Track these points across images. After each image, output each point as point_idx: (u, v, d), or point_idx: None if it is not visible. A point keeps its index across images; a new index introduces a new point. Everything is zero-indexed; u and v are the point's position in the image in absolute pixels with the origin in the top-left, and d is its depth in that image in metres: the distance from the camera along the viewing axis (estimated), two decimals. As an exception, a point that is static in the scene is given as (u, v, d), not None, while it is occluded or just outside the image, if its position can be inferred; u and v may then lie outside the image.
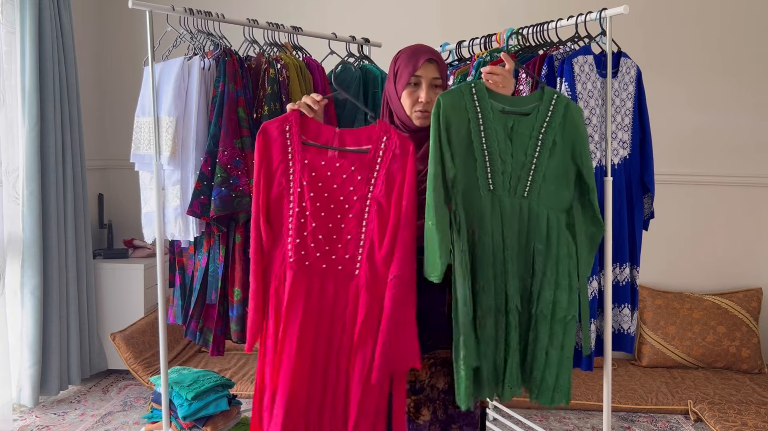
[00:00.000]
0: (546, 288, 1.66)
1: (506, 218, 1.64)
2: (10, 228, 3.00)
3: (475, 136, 1.61)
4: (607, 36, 2.08)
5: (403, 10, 3.71)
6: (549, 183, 1.66)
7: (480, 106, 1.62)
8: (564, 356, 1.69)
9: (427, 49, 1.76)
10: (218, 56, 2.25)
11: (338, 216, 1.63)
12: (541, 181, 1.65)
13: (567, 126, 1.68)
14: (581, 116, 1.72)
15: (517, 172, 1.64)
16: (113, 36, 3.87)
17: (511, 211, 1.65)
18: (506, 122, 1.63)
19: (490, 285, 1.64)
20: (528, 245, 1.67)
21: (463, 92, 1.62)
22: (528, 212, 1.66)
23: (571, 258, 1.69)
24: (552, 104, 1.68)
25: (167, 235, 2.27)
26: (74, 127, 3.26)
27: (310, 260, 1.64)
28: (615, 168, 2.18)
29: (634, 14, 2.16)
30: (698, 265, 3.66)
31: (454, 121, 1.60)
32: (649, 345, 3.49)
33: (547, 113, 1.67)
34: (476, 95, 1.63)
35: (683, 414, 3.04)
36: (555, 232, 1.67)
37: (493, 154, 1.62)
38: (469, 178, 1.63)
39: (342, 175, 1.64)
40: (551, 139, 1.66)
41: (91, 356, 3.40)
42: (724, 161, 3.61)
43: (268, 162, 1.65)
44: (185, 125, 2.22)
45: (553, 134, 1.66)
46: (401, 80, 1.73)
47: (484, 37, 2.55)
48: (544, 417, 3.01)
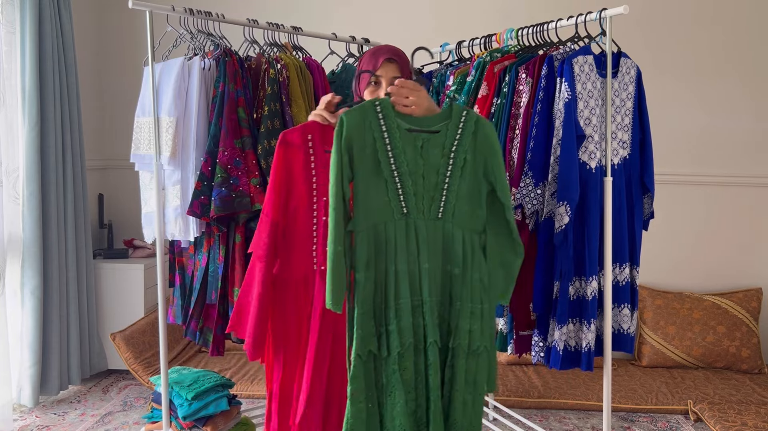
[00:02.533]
0: (462, 317, 1.57)
1: (422, 243, 1.55)
2: (10, 228, 2.99)
3: (382, 157, 1.52)
4: (607, 36, 2.08)
5: (403, 10, 3.71)
6: (463, 203, 1.58)
7: (386, 124, 1.53)
8: (477, 394, 1.60)
9: (388, 49, 1.75)
10: (218, 56, 2.25)
11: None
12: (454, 200, 1.57)
13: (478, 142, 1.60)
14: (494, 131, 1.63)
15: (430, 192, 1.56)
16: (113, 36, 3.87)
17: (427, 234, 1.56)
18: (415, 141, 1.55)
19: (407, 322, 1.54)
20: (444, 271, 1.59)
21: (366, 110, 1.53)
22: (443, 235, 1.58)
23: (483, 283, 1.61)
24: (462, 121, 1.60)
25: (167, 235, 2.27)
26: (74, 127, 3.26)
27: None
28: (615, 168, 2.19)
29: (634, 14, 2.17)
30: (698, 265, 3.66)
31: (357, 140, 1.51)
32: (649, 345, 3.49)
33: (457, 130, 1.59)
34: (381, 113, 1.53)
35: (683, 414, 3.04)
36: (470, 255, 1.59)
37: (403, 175, 1.54)
38: (377, 201, 1.53)
39: None
40: (462, 157, 1.58)
41: (91, 356, 3.40)
42: (723, 161, 3.61)
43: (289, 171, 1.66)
44: (185, 125, 2.22)
45: (464, 152, 1.58)
46: (363, 80, 1.74)
47: (484, 37, 2.56)
48: (544, 417, 3.01)
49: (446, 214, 1.58)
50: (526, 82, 2.18)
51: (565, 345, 2.15)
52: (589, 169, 2.10)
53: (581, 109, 2.08)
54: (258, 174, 2.19)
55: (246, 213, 2.18)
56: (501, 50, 2.42)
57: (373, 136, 1.52)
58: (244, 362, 3.53)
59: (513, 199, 2.14)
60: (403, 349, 1.54)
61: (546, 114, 2.12)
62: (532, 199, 2.11)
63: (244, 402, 3.01)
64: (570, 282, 2.14)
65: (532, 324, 2.26)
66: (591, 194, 2.11)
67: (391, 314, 1.54)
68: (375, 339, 1.54)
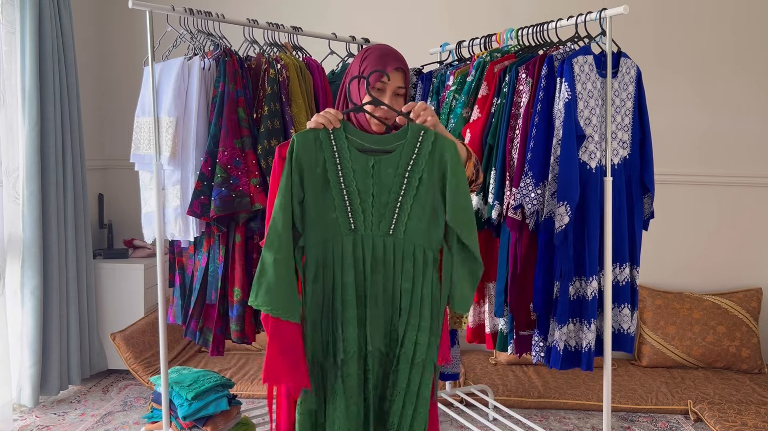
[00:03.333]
0: (409, 329, 1.62)
1: (368, 257, 1.60)
2: (10, 228, 3.00)
3: (332, 175, 1.58)
4: (607, 36, 2.08)
5: (403, 10, 3.71)
6: (416, 221, 1.60)
7: (336, 144, 1.59)
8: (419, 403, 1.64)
9: (397, 56, 1.70)
10: (218, 56, 2.25)
11: None
12: (406, 219, 1.60)
13: (435, 161, 1.61)
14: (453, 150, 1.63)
15: (380, 210, 1.60)
16: (113, 36, 3.87)
17: (375, 249, 1.61)
18: (367, 161, 1.59)
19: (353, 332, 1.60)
20: (395, 284, 1.62)
21: (318, 130, 1.59)
22: (393, 250, 1.61)
23: (434, 299, 1.64)
24: (419, 140, 1.62)
25: (167, 235, 2.27)
26: (74, 127, 3.26)
27: None
28: (615, 168, 2.19)
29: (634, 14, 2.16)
30: (698, 265, 3.66)
31: (307, 159, 1.57)
32: (649, 345, 3.49)
33: (414, 150, 1.61)
34: (332, 134, 1.59)
35: (683, 414, 3.04)
36: (421, 271, 1.62)
37: (352, 194, 1.59)
38: (326, 218, 1.60)
39: None
40: (417, 176, 1.60)
41: (91, 356, 3.40)
42: (724, 161, 3.61)
43: None
44: (185, 125, 2.22)
45: (420, 171, 1.60)
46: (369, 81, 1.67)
47: (484, 37, 2.56)
48: (544, 417, 3.01)
49: (397, 231, 1.61)
50: (526, 82, 2.18)
51: (566, 345, 2.15)
52: (589, 169, 2.10)
53: (581, 109, 2.08)
54: (258, 174, 2.19)
55: (246, 213, 2.18)
56: (501, 50, 2.42)
57: (324, 155, 1.58)
58: (244, 362, 3.53)
59: (513, 198, 2.14)
60: (347, 357, 1.60)
61: (546, 114, 2.12)
62: (532, 199, 2.11)
63: (244, 402, 3.01)
64: (570, 282, 2.14)
65: (533, 324, 2.26)
66: (591, 194, 2.11)
67: (338, 323, 1.61)
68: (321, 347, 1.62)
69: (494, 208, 2.22)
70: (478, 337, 2.48)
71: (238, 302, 2.23)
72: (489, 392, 3.04)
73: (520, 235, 2.19)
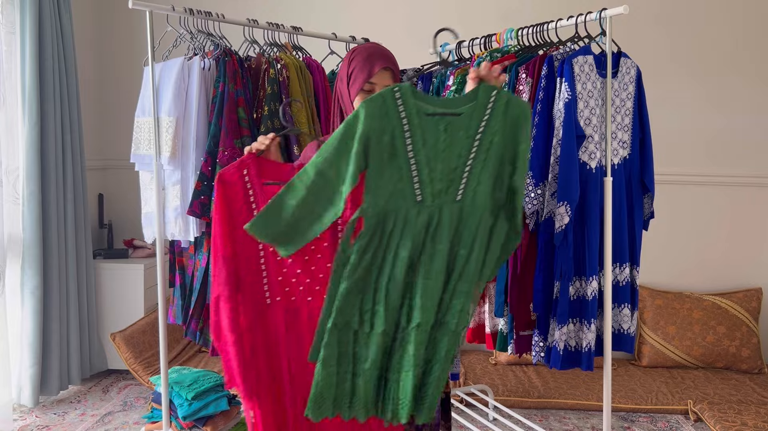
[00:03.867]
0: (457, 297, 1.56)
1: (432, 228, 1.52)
2: (10, 228, 3.00)
3: (399, 144, 1.48)
4: (607, 36, 2.08)
5: (403, 10, 3.71)
6: (483, 186, 1.53)
7: (405, 110, 1.48)
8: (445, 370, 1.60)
9: (384, 54, 1.68)
10: (218, 56, 2.25)
11: (312, 247, 1.62)
12: (475, 184, 1.52)
13: (508, 124, 1.53)
14: (526, 111, 1.55)
15: (448, 175, 1.51)
16: (113, 36, 3.87)
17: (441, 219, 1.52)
18: (437, 125, 1.49)
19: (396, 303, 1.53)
20: (451, 251, 1.55)
21: (385, 97, 1.47)
22: (459, 217, 1.53)
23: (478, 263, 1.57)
24: (491, 102, 1.52)
25: (167, 235, 2.27)
26: (74, 127, 3.26)
27: (295, 295, 1.64)
28: (615, 168, 2.19)
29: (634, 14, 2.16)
30: (698, 265, 3.66)
31: (375, 128, 1.46)
32: (649, 345, 3.49)
33: (485, 112, 1.51)
34: (401, 99, 1.47)
35: (683, 414, 3.04)
36: (479, 237, 1.55)
37: (420, 163, 1.49)
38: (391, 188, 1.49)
39: None
40: (489, 140, 1.52)
41: (91, 356, 3.40)
42: (724, 161, 3.61)
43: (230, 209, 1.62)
44: (185, 125, 2.22)
45: (492, 134, 1.51)
46: (355, 85, 1.67)
47: (484, 37, 2.56)
48: (544, 417, 3.01)
49: (465, 197, 1.53)
50: (526, 82, 2.18)
51: (566, 345, 2.15)
52: (589, 169, 2.10)
53: (581, 109, 2.08)
54: (258, 174, 2.19)
55: (246, 213, 2.18)
56: (501, 50, 2.42)
57: (391, 123, 1.47)
58: (244, 362, 3.52)
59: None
60: (387, 328, 1.53)
61: (546, 114, 2.12)
62: (532, 199, 2.11)
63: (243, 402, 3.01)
64: (570, 282, 2.14)
65: (533, 324, 2.26)
66: (591, 194, 2.11)
67: (381, 295, 1.52)
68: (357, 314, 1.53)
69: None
70: (478, 337, 2.48)
71: (238, 302, 2.23)
72: (489, 392, 3.04)
73: (520, 235, 2.19)
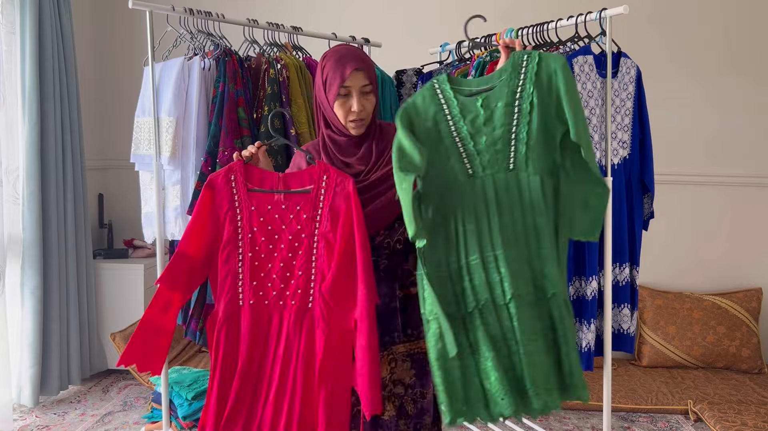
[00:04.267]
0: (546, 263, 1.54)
1: (492, 200, 1.54)
2: (10, 228, 3.00)
3: (442, 125, 1.57)
4: (607, 36, 2.08)
5: (403, 10, 3.71)
6: (535, 149, 1.54)
7: (444, 97, 1.59)
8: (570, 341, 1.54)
9: (353, 56, 1.68)
10: (218, 56, 2.25)
11: (289, 254, 1.71)
12: (525, 150, 1.54)
13: (542, 83, 1.54)
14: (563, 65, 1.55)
15: (494, 147, 1.55)
16: (113, 36, 3.87)
17: (497, 189, 1.54)
18: (475, 102, 1.57)
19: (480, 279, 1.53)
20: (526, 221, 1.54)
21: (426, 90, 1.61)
22: (518, 185, 1.55)
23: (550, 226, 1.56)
24: (523, 67, 1.58)
25: (167, 235, 2.27)
26: (74, 127, 3.26)
27: (269, 299, 1.71)
28: (615, 168, 2.19)
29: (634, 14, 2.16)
30: (698, 265, 3.66)
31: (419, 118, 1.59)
32: (649, 345, 3.49)
33: (519, 77, 1.57)
34: (439, 88, 1.60)
35: (683, 414, 3.04)
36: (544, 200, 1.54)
37: (464, 138, 1.56)
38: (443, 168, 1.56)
39: (289, 215, 1.71)
40: (527, 102, 1.55)
41: (91, 356, 3.40)
42: (724, 161, 3.60)
43: (216, 213, 1.71)
44: (185, 125, 2.22)
45: (529, 97, 1.55)
46: (331, 91, 1.67)
47: (484, 37, 2.55)
48: (544, 417, 3.01)
49: (519, 163, 1.55)
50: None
51: (565, 345, 2.15)
52: (589, 169, 2.10)
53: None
54: (258, 174, 2.19)
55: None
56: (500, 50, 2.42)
57: (433, 109, 1.58)
58: (244, 362, 3.53)
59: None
60: (480, 305, 1.53)
61: (546, 114, 2.12)
62: (532, 198, 2.10)
63: (244, 402, 3.01)
64: (570, 282, 2.14)
65: (532, 324, 2.25)
66: (591, 194, 2.10)
67: (463, 273, 1.55)
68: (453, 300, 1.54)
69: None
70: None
71: (238, 302, 2.23)
72: (489, 392, 3.04)
73: (520, 235, 2.19)
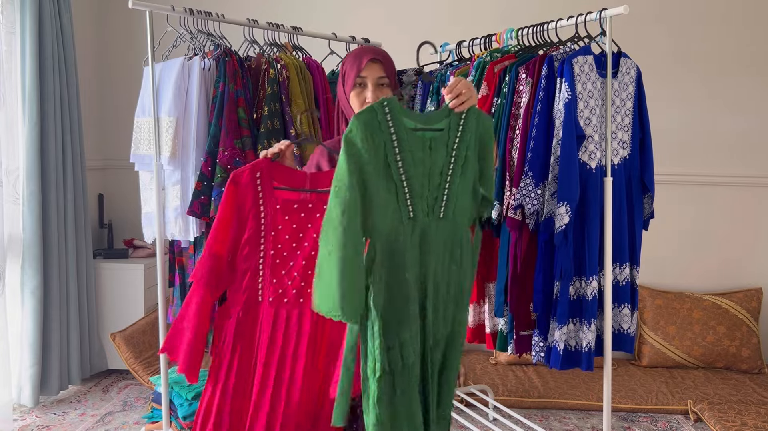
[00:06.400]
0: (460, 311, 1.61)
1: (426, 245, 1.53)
2: (10, 228, 2.99)
3: (391, 159, 1.47)
4: (607, 36, 2.08)
5: (403, 10, 3.71)
6: (461, 200, 1.57)
7: (394, 125, 1.48)
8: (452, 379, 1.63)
9: (371, 50, 1.74)
10: (218, 56, 2.25)
11: (312, 253, 1.69)
12: (455, 199, 1.56)
13: (478, 139, 1.57)
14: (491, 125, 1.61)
15: (434, 192, 1.53)
16: (113, 36, 3.87)
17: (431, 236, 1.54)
18: (423, 141, 1.50)
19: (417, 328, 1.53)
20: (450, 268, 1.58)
21: (376, 111, 1.47)
22: (445, 233, 1.56)
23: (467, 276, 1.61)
24: (462, 117, 1.56)
25: (167, 235, 2.27)
26: (74, 127, 3.26)
27: (288, 297, 1.71)
28: (615, 168, 2.19)
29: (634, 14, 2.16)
30: (698, 265, 3.66)
31: (369, 142, 1.45)
32: (649, 345, 3.49)
33: (459, 127, 1.55)
34: (389, 114, 1.47)
35: (683, 414, 3.04)
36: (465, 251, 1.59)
37: (411, 178, 1.50)
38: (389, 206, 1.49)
39: (315, 214, 1.70)
40: (463, 154, 1.55)
41: (91, 356, 3.40)
42: (724, 161, 3.61)
43: (240, 209, 1.70)
44: (185, 125, 2.22)
45: (465, 148, 1.55)
46: (348, 82, 1.73)
47: (484, 37, 2.56)
48: (544, 417, 3.01)
49: (447, 213, 1.56)
50: (526, 82, 2.18)
51: (566, 345, 2.15)
52: (589, 169, 2.10)
53: (581, 109, 2.08)
54: (258, 174, 2.19)
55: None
56: (501, 50, 2.42)
57: (382, 137, 1.47)
58: (244, 362, 3.53)
59: (513, 198, 2.14)
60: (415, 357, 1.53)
61: (546, 114, 2.12)
62: (532, 199, 2.11)
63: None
64: (570, 282, 2.14)
65: (532, 324, 2.26)
66: (591, 194, 2.11)
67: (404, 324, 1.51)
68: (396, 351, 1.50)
69: (494, 208, 2.22)
70: (478, 337, 2.48)
71: (238, 302, 2.23)
72: (489, 392, 3.04)
73: (520, 235, 2.19)
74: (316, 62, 2.47)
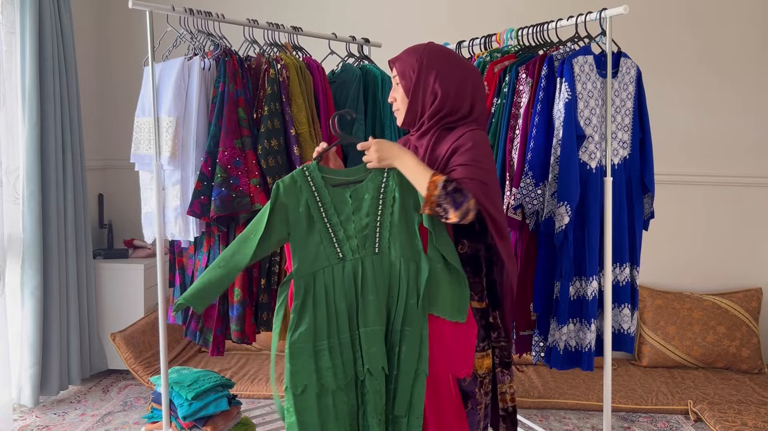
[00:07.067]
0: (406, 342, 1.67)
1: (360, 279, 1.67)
2: (10, 228, 2.99)
3: (314, 212, 1.70)
4: (607, 36, 2.08)
5: (403, 10, 3.71)
6: (397, 235, 1.69)
7: (314, 184, 1.71)
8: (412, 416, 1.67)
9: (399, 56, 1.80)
10: (218, 56, 2.25)
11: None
12: (388, 235, 1.69)
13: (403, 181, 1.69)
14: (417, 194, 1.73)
15: (362, 232, 1.69)
16: (113, 36, 3.87)
17: (365, 271, 1.68)
18: (344, 193, 1.71)
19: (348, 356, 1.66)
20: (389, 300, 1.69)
21: (297, 176, 1.71)
22: (381, 267, 1.69)
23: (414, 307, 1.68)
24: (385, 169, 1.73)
25: (167, 235, 2.27)
26: (74, 127, 3.26)
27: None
28: (615, 168, 2.19)
29: (634, 14, 2.17)
30: (698, 265, 3.66)
31: (291, 202, 1.69)
32: (649, 345, 3.49)
33: (383, 173, 1.72)
34: (309, 176, 1.72)
35: (683, 414, 3.04)
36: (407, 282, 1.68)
37: (335, 225, 1.69)
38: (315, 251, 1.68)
39: None
40: (391, 195, 1.70)
41: (91, 356, 3.40)
42: (724, 161, 3.61)
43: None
44: (185, 125, 2.22)
45: (392, 191, 1.70)
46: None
47: (484, 37, 2.56)
48: (545, 417, 3.01)
49: (383, 248, 1.69)
50: (526, 82, 2.18)
51: (566, 345, 2.15)
52: (590, 169, 2.10)
53: (581, 109, 2.08)
54: (258, 174, 2.19)
55: (246, 213, 2.18)
56: (501, 50, 2.42)
57: (305, 196, 1.70)
58: (244, 362, 3.53)
59: (513, 199, 2.14)
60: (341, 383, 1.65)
61: (546, 114, 2.12)
62: (532, 199, 2.11)
63: (244, 402, 3.01)
64: (570, 282, 2.14)
65: (533, 324, 2.26)
66: (591, 194, 2.11)
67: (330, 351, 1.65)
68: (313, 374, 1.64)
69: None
70: (478, 337, 2.48)
71: (238, 302, 2.23)
72: (489, 392, 3.04)
73: (520, 235, 2.19)
74: (316, 62, 2.47)
